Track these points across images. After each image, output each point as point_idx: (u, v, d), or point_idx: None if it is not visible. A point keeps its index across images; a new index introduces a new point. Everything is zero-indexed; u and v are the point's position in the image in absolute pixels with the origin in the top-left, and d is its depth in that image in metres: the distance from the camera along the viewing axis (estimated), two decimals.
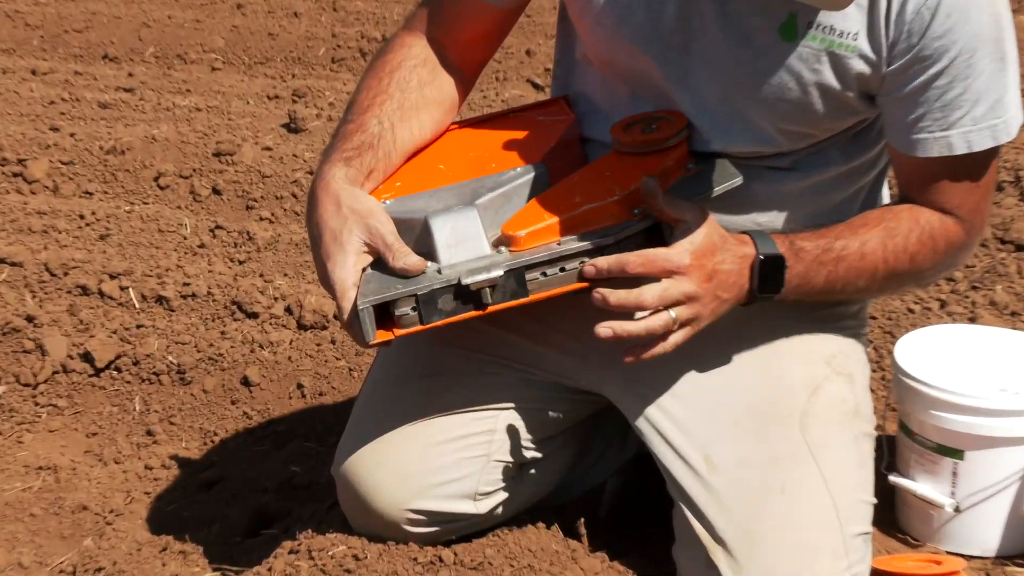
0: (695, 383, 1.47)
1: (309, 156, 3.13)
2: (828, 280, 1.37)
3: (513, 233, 1.35)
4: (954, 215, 1.38)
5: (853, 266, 1.37)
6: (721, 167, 1.41)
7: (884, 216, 1.39)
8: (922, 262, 1.38)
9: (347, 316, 1.34)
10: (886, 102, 1.36)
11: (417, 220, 1.37)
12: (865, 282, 1.38)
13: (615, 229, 1.34)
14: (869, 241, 1.37)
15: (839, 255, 1.36)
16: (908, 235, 1.37)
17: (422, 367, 1.57)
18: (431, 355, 1.58)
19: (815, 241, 1.36)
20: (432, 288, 1.30)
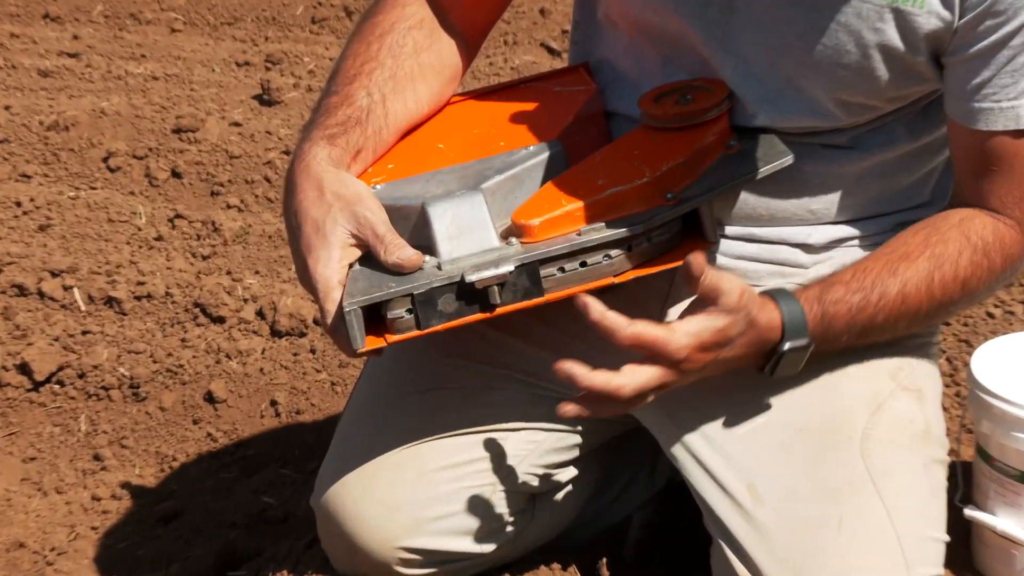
0: (737, 401, 1.48)
1: (285, 133, 3.14)
2: (861, 336, 1.40)
3: (525, 222, 1.35)
4: (1011, 217, 1.39)
5: (892, 313, 1.39)
6: (768, 144, 1.42)
7: (929, 239, 1.40)
8: (976, 285, 1.40)
9: (331, 320, 1.35)
10: (950, 62, 1.36)
11: (413, 208, 1.38)
12: (906, 324, 1.41)
13: (644, 216, 1.35)
14: (912, 279, 1.38)
15: (876, 308, 1.38)
16: (958, 259, 1.39)
17: (418, 381, 1.58)
18: (429, 366, 1.59)
19: (850, 298, 1.37)
20: (431, 287, 1.31)
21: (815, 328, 1.37)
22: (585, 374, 1.29)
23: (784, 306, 1.36)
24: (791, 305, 1.36)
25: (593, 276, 1.34)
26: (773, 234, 1.49)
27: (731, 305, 1.31)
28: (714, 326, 1.31)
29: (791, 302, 1.37)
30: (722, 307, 1.31)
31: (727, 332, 1.32)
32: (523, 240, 1.35)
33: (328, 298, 1.35)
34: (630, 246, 1.34)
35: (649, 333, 1.29)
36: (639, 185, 1.37)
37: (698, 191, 1.38)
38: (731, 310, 1.32)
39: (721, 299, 1.31)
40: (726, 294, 1.31)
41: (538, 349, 1.56)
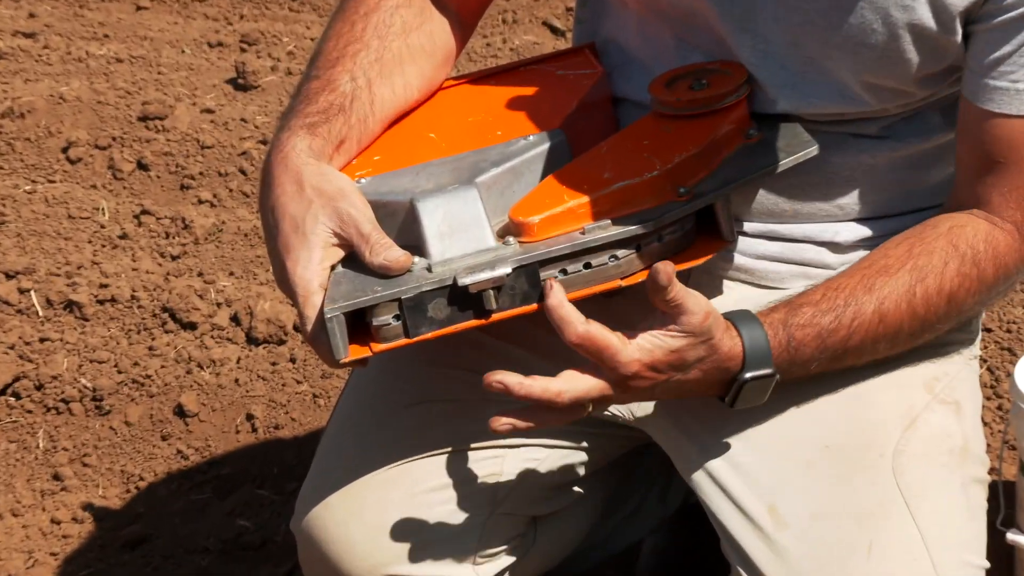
0: (758, 414, 1.48)
1: (262, 121, 3.13)
2: (835, 360, 1.39)
3: (524, 219, 1.36)
4: (1009, 220, 1.39)
5: (869, 334, 1.38)
6: (791, 133, 1.42)
7: (912, 250, 1.39)
8: (964, 298, 1.40)
9: (311, 327, 1.35)
10: (974, 31, 1.35)
11: (401, 204, 1.38)
12: (887, 344, 1.40)
13: (655, 213, 1.35)
14: (890, 296, 1.37)
15: (849, 330, 1.37)
16: (943, 271, 1.38)
17: (407, 393, 1.59)
18: (419, 378, 1.59)
19: (820, 320, 1.37)
20: (420, 291, 1.31)
21: (780, 356, 1.36)
22: (521, 382, 1.29)
23: (745, 332, 1.35)
24: (753, 331, 1.35)
25: (598, 278, 1.34)
26: (797, 231, 1.49)
27: (693, 326, 1.31)
28: (670, 346, 1.31)
29: (753, 327, 1.36)
30: (683, 326, 1.31)
31: (683, 355, 1.32)
32: (521, 239, 1.35)
33: (308, 303, 1.35)
34: (639, 246, 1.34)
35: (601, 337, 1.29)
36: (649, 179, 1.37)
37: (714, 185, 1.38)
38: (692, 332, 1.31)
39: (682, 318, 1.30)
40: (689, 314, 1.30)
41: (539, 359, 1.56)
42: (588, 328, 1.29)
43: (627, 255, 1.35)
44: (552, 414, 1.33)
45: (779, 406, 1.46)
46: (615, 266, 1.34)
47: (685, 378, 1.34)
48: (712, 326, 1.32)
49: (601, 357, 1.31)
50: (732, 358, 1.35)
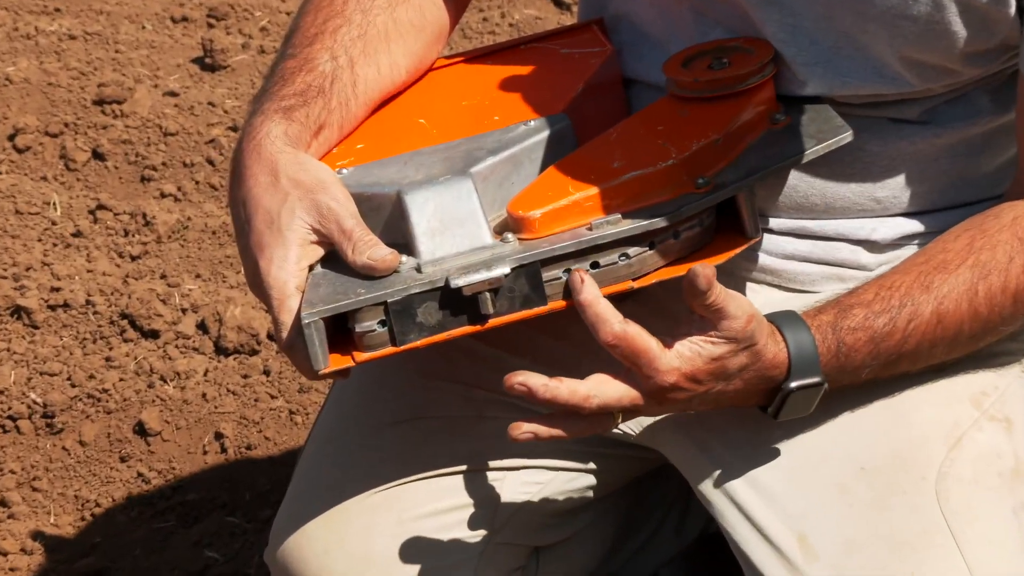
0: (786, 432, 1.48)
1: (232, 105, 3.14)
2: (888, 367, 1.40)
3: (524, 214, 1.36)
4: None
5: (927, 337, 1.39)
6: (823, 118, 1.42)
7: (973, 244, 1.39)
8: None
9: (287, 334, 1.36)
10: None
11: (387, 196, 1.39)
12: (945, 348, 1.41)
13: (671, 207, 1.36)
14: (950, 295, 1.37)
15: (905, 333, 1.38)
16: (1008, 268, 1.38)
17: (395, 408, 1.59)
18: (408, 391, 1.60)
19: (873, 323, 1.37)
20: (409, 293, 1.32)
21: (829, 363, 1.37)
22: (546, 384, 1.31)
23: (791, 337, 1.36)
24: (800, 336, 1.36)
25: (607, 279, 1.35)
26: (829, 228, 1.50)
27: (735, 331, 1.32)
28: (711, 353, 1.32)
29: (800, 332, 1.36)
30: (724, 332, 1.32)
31: (725, 364, 1.33)
32: (521, 236, 1.36)
33: (283, 307, 1.36)
34: (653, 243, 1.35)
35: (640, 340, 1.30)
36: (664, 168, 1.37)
37: (736, 175, 1.39)
38: (734, 337, 1.32)
39: (724, 323, 1.31)
40: (731, 318, 1.31)
41: (543, 369, 1.47)
42: (626, 328, 1.30)
43: (639, 253, 1.35)
44: (577, 423, 1.34)
45: (810, 422, 1.47)
46: (626, 265, 1.35)
47: (726, 389, 1.35)
48: (755, 331, 1.33)
49: (637, 363, 1.31)
50: (777, 366, 1.35)
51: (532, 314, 1.34)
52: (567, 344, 1.55)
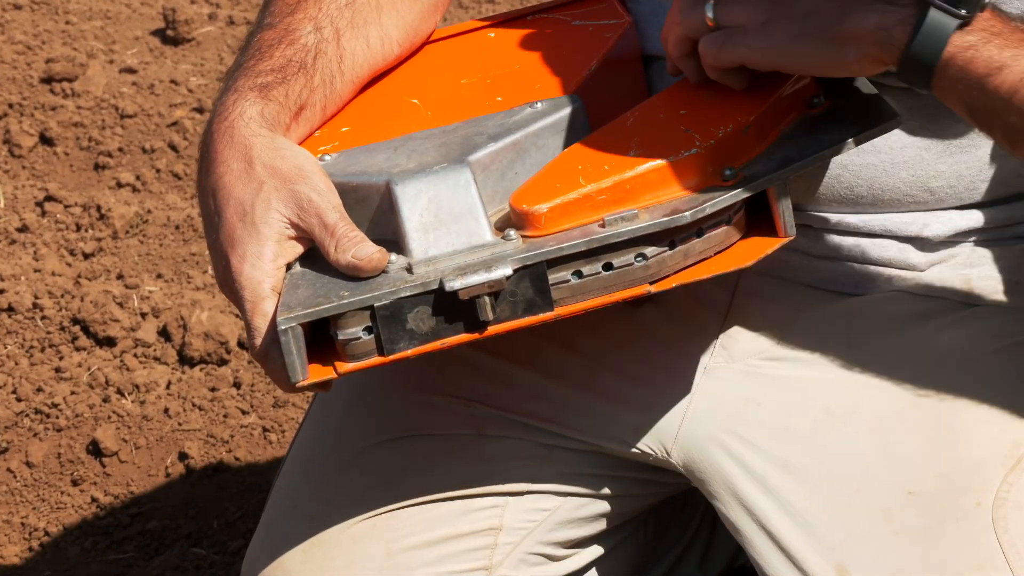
0: (823, 450, 1.51)
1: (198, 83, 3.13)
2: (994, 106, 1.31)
3: (529, 208, 1.38)
4: None
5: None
6: (867, 100, 1.44)
7: None
8: None
9: (261, 341, 1.38)
10: None
11: (375, 187, 1.41)
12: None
13: (694, 201, 1.37)
14: None
15: None
16: None
17: (383, 426, 1.62)
18: (398, 407, 1.63)
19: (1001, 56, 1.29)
20: (398, 297, 1.34)
21: (985, 23, 1.29)
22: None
23: None
24: None
25: (622, 283, 1.37)
26: (876, 223, 1.53)
27: None
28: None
29: None
30: None
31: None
32: (526, 233, 1.38)
33: (257, 311, 1.38)
34: (673, 242, 1.37)
35: None
36: (687, 158, 1.39)
37: (769, 166, 1.41)
38: None
39: None
40: None
41: (550, 383, 1.61)
42: None
43: (658, 254, 1.37)
44: None
45: (849, 440, 1.50)
46: (642, 267, 1.37)
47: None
48: None
49: None
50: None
51: (537, 321, 1.36)
52: (578, 355, 1.59)
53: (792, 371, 1.54)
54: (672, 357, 1.57)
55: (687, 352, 1.57)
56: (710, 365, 1.56)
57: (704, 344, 1.57)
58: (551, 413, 1.60)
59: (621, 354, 1.59)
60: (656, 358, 1.57)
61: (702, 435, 1.55)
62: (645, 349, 1.57)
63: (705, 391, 1.55)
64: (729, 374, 1.56)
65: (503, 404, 1.61)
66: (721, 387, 1.55)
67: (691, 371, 1.56)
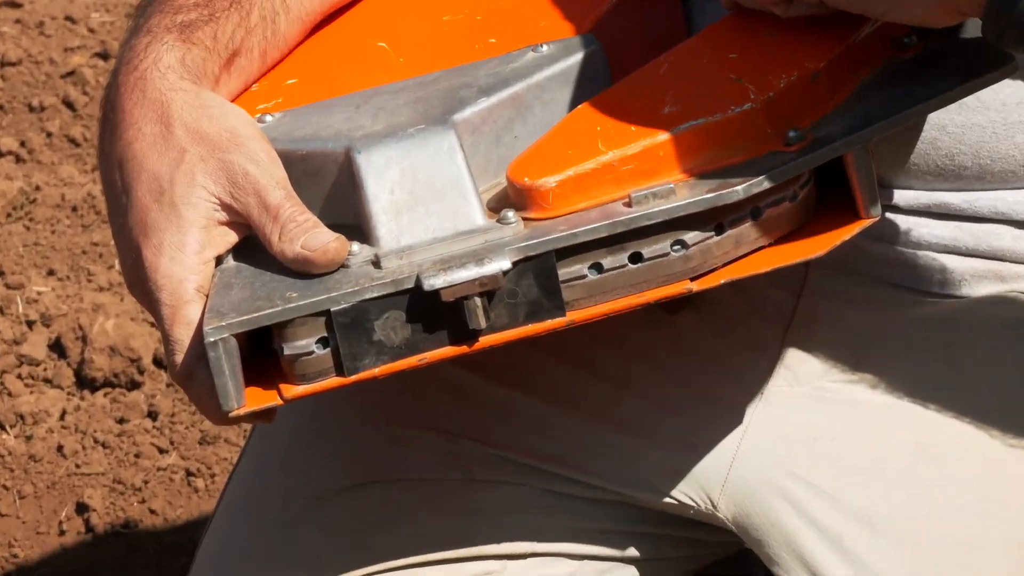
0: (916, 499, 1.50)
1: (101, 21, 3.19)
2: None
3: (533, 182, 1.35)
4: None
5: None
6: (970, 43, 1.41)
7: None
8: None
9: (183, 357, 1.36)
10: None
11: (331, 156, 1.39)
12: None
13: (749, 171, 1.34)
14: None
15: None
16: None
17: (343, 469, 1.60)
18: (361, 443, 1.62)
19: None
20: (362, 299, 1.31)
21: None
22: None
23: None
24: None
25: (654, 279, 1.34)
26: (983, 203, 1.51)
27: None
28: None
29: None
30: None
31: None
32: (528, 215, 1.35)
33: (178, 318, 1.36)
34: (722, 225, 1.34)
35: None
36: (739, 115, 1.36)
37: (845, 126, 1.37)
38: None
39: None
40: None
41: (560, 412, 1.59)
42: None
43: (701, 241, 1.34)
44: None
45: (953, 487, 1.49)
46: (681, 259, 1.34)
47: None
48: None
49: None
50: None
51: (544, 330, 1.33)
52: (595, 376, 1.58)
53: (875, 396, 1.53)
54: (719, 379, 1.57)
55: (738, 372, 1.56)
56: (769, 389, 1.56)
57: (761, 362, 1.56)
58: (560, 451, 1.58)
59: (652, 375, 1.58)
60: (698, 380, 1.56)
61: (758, 480, 1.54)
62: (683, 368, 1.56)
63: (762, 423, 1.54)
64: (793, 401, 1.55)
65: (498, 440, 1.60)
66: (783, 418, 1.55)
67: (744, 397, 1.55)
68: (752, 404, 1.55)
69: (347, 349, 1.31)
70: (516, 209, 1.35)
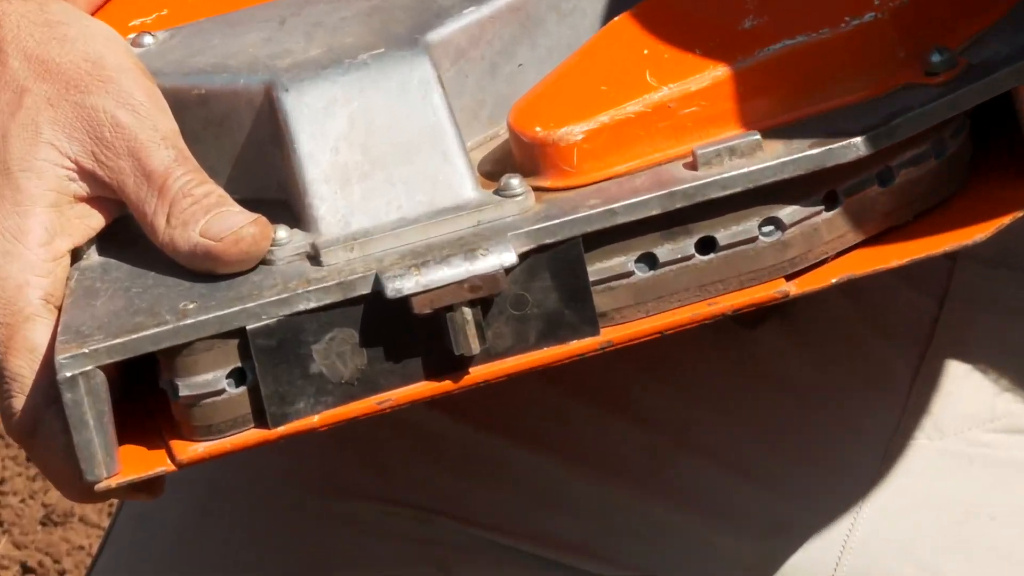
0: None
1: None
2: None
3: (547, 134, 1.32)
4: None
5: None
6: None
7: None
8: None
9: (23, 401, 1.32)
10: None
11: (243, 95, 1.36)
12: None
13: (873, 113, 1.32)
14: None
15: None
16: None
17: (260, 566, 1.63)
18: (290, 527, 1.64)
19: None
20: (294, 311, 1.27)
21: None
22: None
23: None
24: None
25: (734, 277, 1.32)
26: None
27: None
28: None
29: None
30: None
31: None
32: (542, 183, 1.32)
33: (15, 342, 1.33)
34: (834, 195, 1.31)
35: None
36: (857, 29, 1.34)
37: (1011, 46, 1.36)
38: None
39: None
40: None
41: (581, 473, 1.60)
42: None
43: (804, 219, 1.32)
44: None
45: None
46: (774, 246, 1.32)
47: None
48: None
49: None
50: None
51: (567, 355, 1.31)
52: (642, 426, 1.58)
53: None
54: (821, 428, 1.58)
55: (851, 417, 1.58)
56: (896, 443, 1.57)
57: (885, 402, 1.57)
58: (583, 535, 1.60)
59: (720, 421, 1.59)
60: (789, 430, 1.57)
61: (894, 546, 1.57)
62: (768, 412, 1.57)
63: (886, 495, 1.56)
64: (934, 459, 1.57)
65: (490, 518, 1.62)
66: (919, 484, 1.57)
67: (859, 455, 1.57)
68: (871, 465, 1.56)
69: (272, 387, 1.28)
70: (523, 175, 1.32)
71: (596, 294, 1.30)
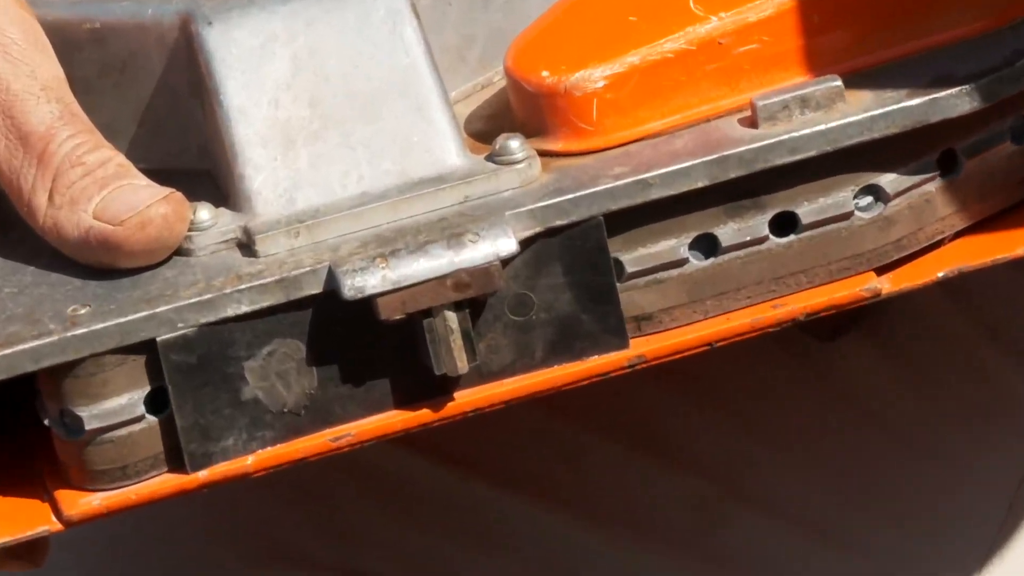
0: None
1: None
2: None
3: (558, 81, 1.33)
4: None
5: None
6: None
7: None
8: None
9: None
10: None
11: (150, 28, 1.38)
12: None
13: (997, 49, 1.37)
14: None
15: None
16: None
17: None
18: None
19: None
20: (221, 318, 1.29)
21: None
22: None
23: None
24: None
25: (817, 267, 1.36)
26: None
27: None
28: None
29: None
30: None
31: None
32: (551, 146, 1.34)
33: None
34: (952, 157, 1.35)
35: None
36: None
37: None
38: None
39: None
40: None
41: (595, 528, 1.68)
42: None
43: (910, 187, 1.36)
44: None
45: None
46: (875, 223, 1.36)
47: None
48: None
49: None
50: None
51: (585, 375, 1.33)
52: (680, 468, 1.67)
53: None
54: (927, 474, 1.65)
55: (962, 459, 1.66)
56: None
57: (1009, 439, 1.65)
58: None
59: (789, 466, 1.66)
60: (884, 477, 1.63)
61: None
62: (855, 453, 1.62)
63: (1014, 558, 1.65)
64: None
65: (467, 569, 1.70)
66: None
67: (976, 509, 1.65)
68: (992, 523, 1.63)
69: (191, 418, 1.29)
70: (526, 135, 1.33)
71: (637, 290, 1.32)
